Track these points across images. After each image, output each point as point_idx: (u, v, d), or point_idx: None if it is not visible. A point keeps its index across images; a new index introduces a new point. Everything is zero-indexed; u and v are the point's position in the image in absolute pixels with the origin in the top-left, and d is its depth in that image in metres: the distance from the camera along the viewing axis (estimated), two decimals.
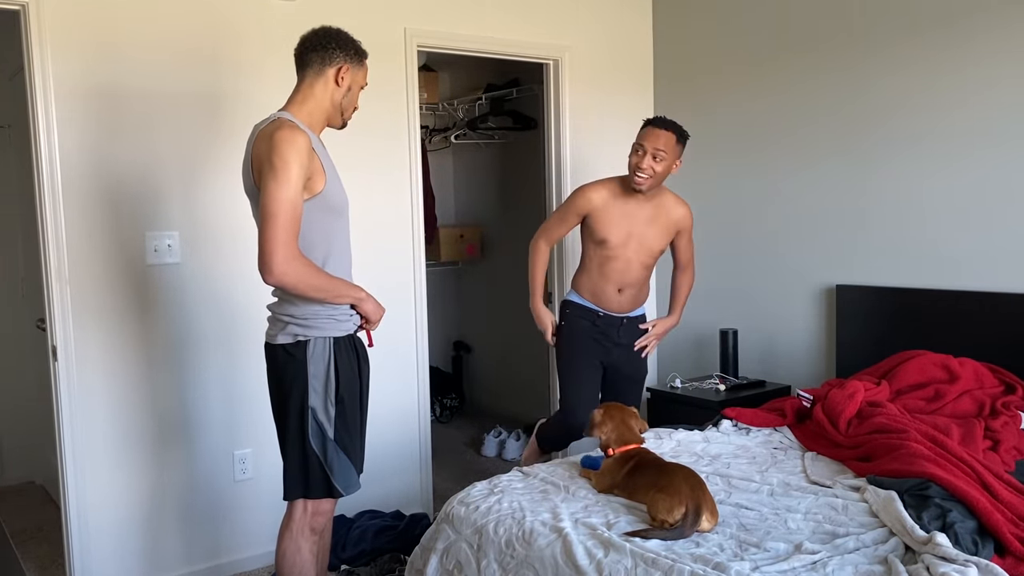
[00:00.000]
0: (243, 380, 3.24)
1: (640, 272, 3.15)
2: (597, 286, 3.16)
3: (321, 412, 2.21)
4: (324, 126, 2.31)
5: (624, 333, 3.20)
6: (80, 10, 2.86)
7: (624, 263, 3.11)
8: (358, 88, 2.33)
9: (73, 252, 2.89)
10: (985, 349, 3.07)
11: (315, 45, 2.25)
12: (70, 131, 2.86)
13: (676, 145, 2.99)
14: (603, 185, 3.11)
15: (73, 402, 2.91)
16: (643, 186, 2.98)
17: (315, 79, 2.25)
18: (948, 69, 3.19)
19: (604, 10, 4.12)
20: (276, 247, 2.04)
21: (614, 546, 1.93)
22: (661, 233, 3.13)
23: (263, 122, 2.21)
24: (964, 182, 3.18)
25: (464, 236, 5.54)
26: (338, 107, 2.29)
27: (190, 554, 3.18)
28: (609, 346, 3.19)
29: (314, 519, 2.28)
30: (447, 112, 5.59)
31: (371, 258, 3.52)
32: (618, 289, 3.14)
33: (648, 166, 2.95)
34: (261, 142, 2.13)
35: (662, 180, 3.04)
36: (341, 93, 2.27)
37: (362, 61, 2.31)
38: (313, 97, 2.25)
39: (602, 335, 3.18)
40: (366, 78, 2.34)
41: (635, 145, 3.00)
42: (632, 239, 3.09)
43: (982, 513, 2.00)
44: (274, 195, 2.04)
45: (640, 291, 3.21)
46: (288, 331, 2.21)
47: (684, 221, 3.18)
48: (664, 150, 2.94)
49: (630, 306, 3.20)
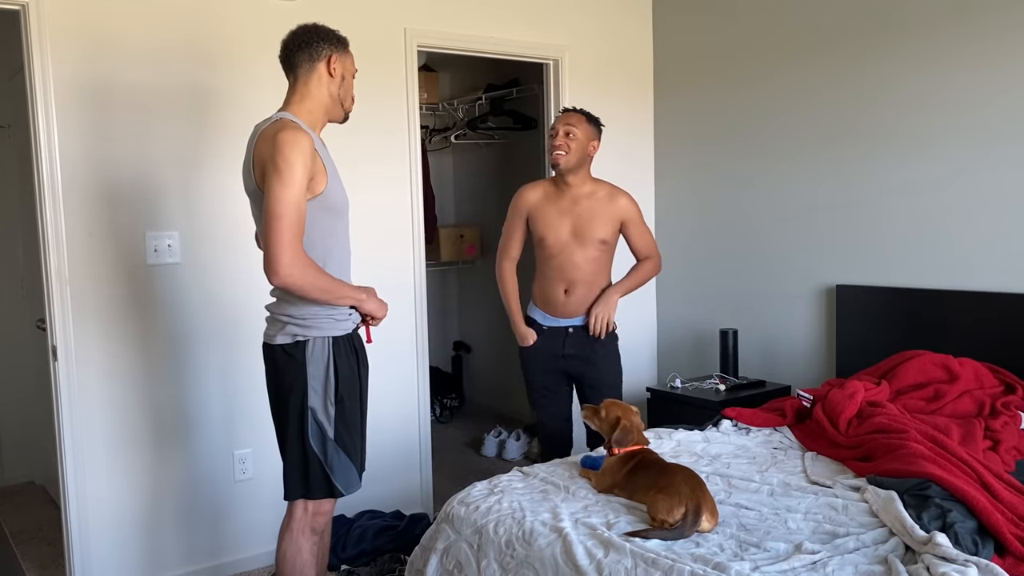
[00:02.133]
0: (243, 380, 3.24)
1: (587, 268, 3.04)
2: (544, 289, 3.11)
3: (321, 412, 2.21)
4: (325, 122, 2.32)
5: (571, 344, 3.09)
6: (80, 10, 2.86)
7: (566, 259, 3.04)
8: (351, 76, 2.33)
9: (73, 252, 2.89)
10: (985, 349, 3.07)
11: (299, 44, 2.25)
12: (70, 131, 2.86)
13: (586, 123, 3.01)
14: (538, 184, 3.15)
15: (73, 402, 2.91)
16: (560, 162, 2.98)
17: (308, 76, 2.25)
18: (953, 70, 3.19)
19: (604, 10, 4.12)
20: (282, 249, 2.04)
21: (614, 546, 1.93)
22: (603, 224, 3.03)
23: (264, 122, 2.20)
24: (964, 182, 3.18)
25: (464, 236, 5.54)
26: (336, 99, 2.30)
27: (190, 554, 3.18)
28: (560, 358, 3.11)
29: (315, 519, 2.28)
30: (447, 112, 5.59)
31: (371, 258, 3.52)
32: (564, 289, 3.06)
33: (562, 142, 2.97)
34: (263, 143, 2.13)
35: (580, 158, 3.00)
36: (336, 84, 2.28)
37: (346, 48, 2.32)
38: (310, 95, 2.26)
39: (554, 347, 3.11)
40: (355, 64, 2.36)
41: (550, 131, 3.06)
42: (571, 234, 3.03)
43: (982, 513, 2.00)
44: (279, 196, 2.04)
45: (590, 291, 3.07)
46: (287, 331, 2.21)
47: (627, 209, 3.08)
48: (574, 126, 2.98)
49: (580, 309, 3.07)
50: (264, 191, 2.09)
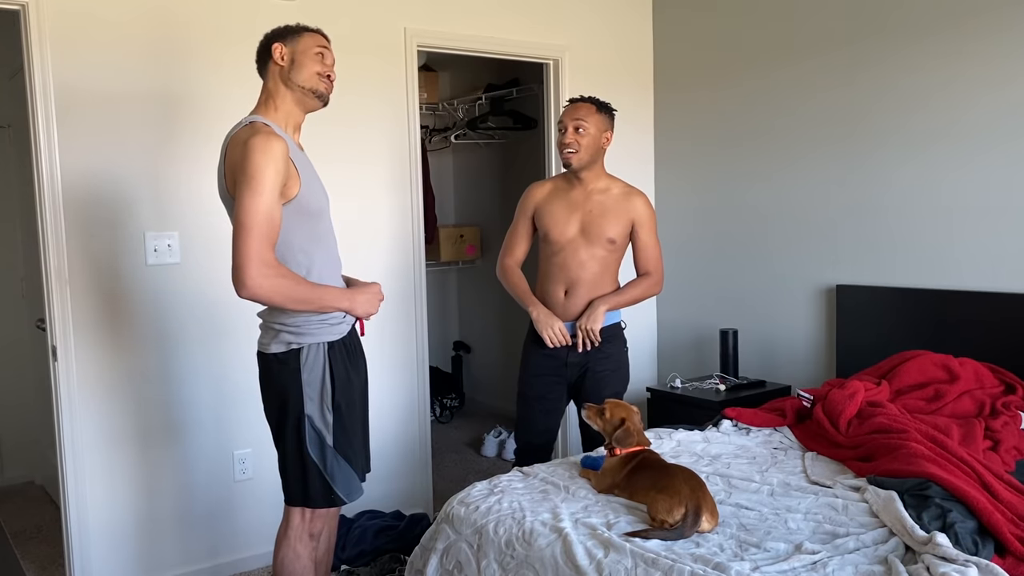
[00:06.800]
0: (243, 380, 3.23)
1: (591, 267, 2.88)
2: (544, 289, 2.96)
3: (318, 419, 2.17)
4: (302, 115, 2.26)
5: (574, 352, 2.90)
6: (80, 10, 2.86)
7: (569, 256, 2.88)
8: (311, 55, 2.20)
9: (73, 252, 2.89)
10: (985, 349, 3.07)
11: (258, 54, 2.25)
12: (70, 131, 2.86)
13: (597, 114, 2.84)
14: (548, 181, 3.02)
15: (73, 402, 2.91)
16: (572, 161, 2.83)
17: (267, 77, 2.23)
18: (953, 69, 3.19)
19: (604, 10, 4.12)
20: (248, 260, 1.97)
21: (614, 546, 1.93)
22: (614, 222, 2.87)
23: (236, 126, 2.15)
24: (964, 182, 3.17)
25: (464, 236, 5.54)
26: (296, 85, 2.20)
27: (190, 554, 3.18)
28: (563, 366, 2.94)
29: (312, 525, 2.25)
30: (447, 112, 5.59)
31: (371, 258, 3.52)
32: (564, 290, 2.90)
33: (572, 139, 2.81)
34: (235, 148, 2.07)
35: (593, 153, 2.86)
36: (286, 69, 2.19)
37: (298, 33, 2.22)
38: (269, 93, 2.21)
39: (558, 352, 2.92)
40: (316, 44, 2.22)
41: (558, 126, 2.91)
42: (578, 231, 2.88)
43: (982, 513, 2.00)
44: (246, 206, 1.98)
45: (591, 293, 2.89)
46: (280, 339, 2.16)
47: (641, 211, 2.90)
48: (584, 119, 2.81)
49: (579, 313, 2.90)
50: (234, 198, 2.03)
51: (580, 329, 2.85)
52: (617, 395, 2.97)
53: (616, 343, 2.97)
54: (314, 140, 3.26)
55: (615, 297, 2.90)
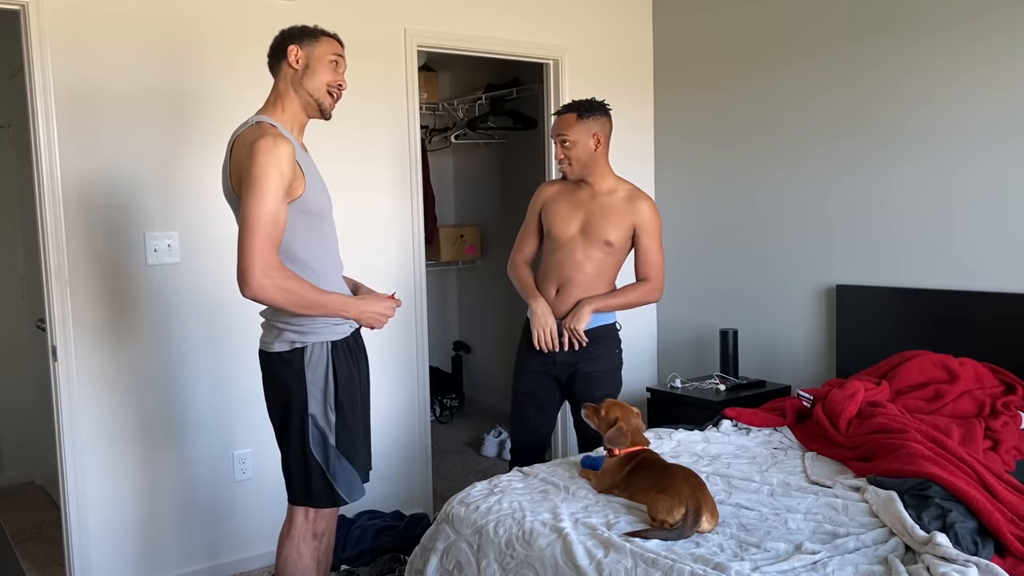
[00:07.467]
0: (243, 380, 3.23)
1: (587, 268, 2.87)
2: (539, 286, 2.96)
3: (321, 419, 2.18)
4: (306, 120, 2.27)
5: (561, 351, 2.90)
6: (80, 10, 2.86)
7: (566, 255, 2.89)
8: (325, 63, 2.21)
9: (73, 252, 2.89)
10: (985, 349, 3.07)
11: (272, 49, 2.25)
12: (70, 131, 2.86)
13: (579, 122, 2.81)
14: (558, 180, 3.04)
15: (73, 402, 2.91)
16: (566, 173, 2.87)
17: (278, 77, 2.23)
18: (954, 69, 3.19)
19: (604, 10, 4.12)
20: (253, 260, 1.98)
21: (614, 546, 1.93)
22: (614, 224, 2.85)
23: (242, 126, 2.16)
24: (965, 182, 3.17)
25: (464, 236, 5.54)
26: (306, 91, 2.21)
27: (190, 554, 3.18)
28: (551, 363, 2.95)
29: (316, 524, 2.26)
30: (447, 112, 5.59)
31: (371, 258, 3.52)
32: (556, 288, 2.90)
33: (561, 155, 2.85)
34: (241, 148, 2.08)
35: (586, 161, 2.85)
36: (299, 74, 2.20)
37: (316, 37, 2.23)
38: (279, 93, 2.22)
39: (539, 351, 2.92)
40: (332, 51, 2.23)
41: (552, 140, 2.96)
42: (578, 230, 2.88)
43: (982, 513, 2.00)
44: (252, 208, 1.99)
45: (582, 294, 2.88)
46: (284, 338, 2.16)
47: (644, 215, 2.87)
48: (565, 133, 2.81)
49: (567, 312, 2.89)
50: (240, 199, 2.05)
51: (565, 328, 2.86)
52: (609, 397, 2.93)
53: (607, 345, 2.96)
54: (314, 140, 3.26)
55: (604, 299, 2.88)
